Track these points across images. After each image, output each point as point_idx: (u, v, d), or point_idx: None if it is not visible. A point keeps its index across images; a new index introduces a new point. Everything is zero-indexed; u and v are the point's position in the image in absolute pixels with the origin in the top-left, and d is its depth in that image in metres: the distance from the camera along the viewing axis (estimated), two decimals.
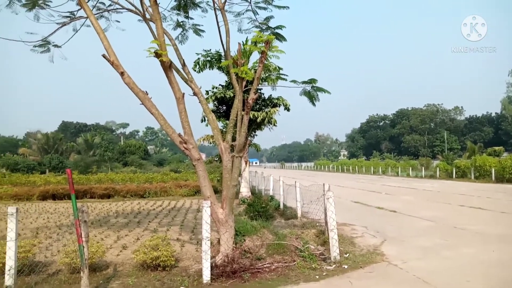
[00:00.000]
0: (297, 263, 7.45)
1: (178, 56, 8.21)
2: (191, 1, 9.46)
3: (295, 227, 11.31)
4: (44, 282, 6.55)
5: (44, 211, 17.30)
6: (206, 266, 6.54)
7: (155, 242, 7.32)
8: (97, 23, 7.06)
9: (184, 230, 11.53)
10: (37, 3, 8.78)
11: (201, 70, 16.80)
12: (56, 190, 23.53)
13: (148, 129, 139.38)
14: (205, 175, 7.72)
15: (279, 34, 9.13)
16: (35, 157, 64.09)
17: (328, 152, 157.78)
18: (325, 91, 8.74)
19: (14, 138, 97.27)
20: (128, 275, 7.00)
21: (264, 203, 13.33)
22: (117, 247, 9.23)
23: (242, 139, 7.70)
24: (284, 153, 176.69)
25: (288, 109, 19.23)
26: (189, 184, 25.96)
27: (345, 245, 9.10)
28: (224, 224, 7.48)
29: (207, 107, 8.72)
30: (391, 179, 40.50)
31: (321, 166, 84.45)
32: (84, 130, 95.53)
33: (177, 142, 7.56)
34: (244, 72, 7.16)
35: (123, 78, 7.01)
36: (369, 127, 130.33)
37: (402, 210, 15.04)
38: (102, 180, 32.13)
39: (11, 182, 30.82)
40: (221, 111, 19.42)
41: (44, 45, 9.20)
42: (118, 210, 17.11)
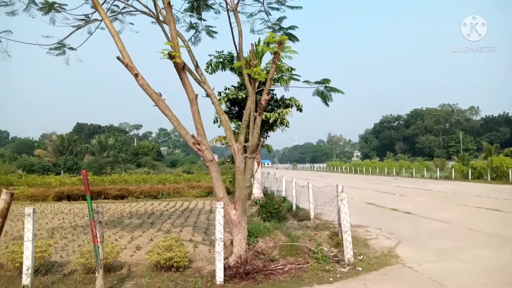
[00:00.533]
0: (311, 265, 7.40)
1: (191, 57, 8.25)
2: (204, 2, 9.50)
3: (308, 228, 11.24)
4: (59, 282, 6.63)
5: (59, 211, 17.56)
6: (219, 267, 6.54)
7: (168, 243, 7.35)
8: (111, 25, 7.13)
9: (197, 231, 11.57)
10: (53, 7, 8.93)
11: (213, 71, 16.87)
12: (71, 191, 23.86)
13: (161, 130, 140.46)
14: (218, 176, 7.73)
15: (291, 34, 9.10)
16: (50, 158, 65.12)
17: (340, 153, 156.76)
18: (339, 91, 8.68)
19: (30, 140, 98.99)
20: (142, 276, 7.04)
21: (276, 204, 13.29)
22: (131, 247, 9.30)
23: (255, 140, 7.69)
24: (296, 154, 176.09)
25: (301, 110, 19.16)
26: (201, 185, 26.07)
27: (359, 247, 9.02)
28: (237, 225, 7.47)
29: (220, 108, 8.74)
30: (405, 180, 40.04)
31: (333, 167, 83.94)
32: (98, 132, 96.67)
33: (190, 143, 7.58)
34: (257, 73, 7.15)
35: (137, 80, 7.07)
36: (383, 127, 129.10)
37: (417, 211, 14.84)
38: (116, 181, 32.46)
39: (27, 183, 31.36)
40: (233, 112, 19.45)
41: (59, 48, 9.35)
42: (132, 211, 17.26)
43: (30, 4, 8.73)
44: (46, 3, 8.88)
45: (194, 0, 9.52)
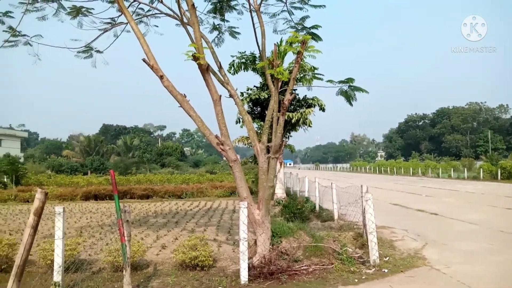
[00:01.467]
0: (335, 266, 7.33)
1: (214, 58, 8.31)
2: (227, 4, 9.57)
3: (332, 229, 11.15)
4: (88, 279, 6.79)
5: (87, 210, 18.02)
6: (244, 267, 6.56)
7: (193, 242, 7.43)
8: (137, 28, 7.27)
9: (221, 230, 11.65)
10: (80, 11, 9.19)
11: (235, 72, 16.94)
12: (98, 190, 24.45)
13: (184, 131, 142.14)
14: (241, 176, 7.75)
15: (315, 33, 9.05)
16: (77, 159, 66.87)
17: (364, 153, 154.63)
18: (363, 91, 8.58)
19: (58, 141, 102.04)
20: (167, 274, 7.15)
21: (299, 204, 13.23)
22: (157, 246, 9.46)
23: (278, 140, 7.68)
24: (319, 154, 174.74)
25: (323, 110, 19.03)
26: (224, 185, 26.26)
27: (385, 248, 8.88)
28: (261, 225, 7.48)
29: (243, 109, 8.76)
30: (431, 180, 39.15)
31: (357, 167, 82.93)
32: (124, 133, 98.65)
33: (214, 143, 7.64)
34: (280, 73, 7.14)
35: (162, 82, 7.18)
36: (408, 127, 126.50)
37: (444, 212, 14.49)
38: (141, 181, 33.08)
39: (56, 183, 32.34)
40: (255, 113, 19.50)
41: (87, 51, 9.60)
42: (156, 210, 17.54)
43: (59, 9, 9.02)
44: (74, 8, 9.14)
45: (217, 2, 9.60)
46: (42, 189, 2.71)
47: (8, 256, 7.45)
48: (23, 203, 22.75)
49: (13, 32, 8.51)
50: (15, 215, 16.62)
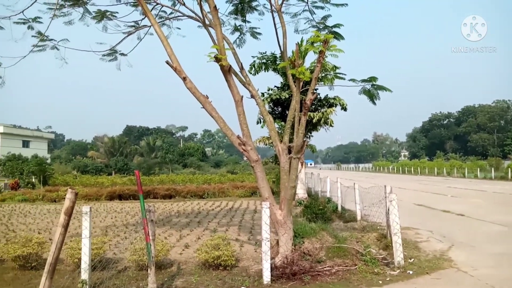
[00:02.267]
0: (359, 267, 7.26)
1: (236, 59, 8.35)
2: (248, 5, 9.60)
3: (355, 230, 11.03)
4: (114, 277, 6.94)
5: (111, 210, 18.39)
6: (266, 267, 6.57)
7: (216, 241, 7.49)
8: (160, 31, 7.38)
9: (242, 230, 11.69)
10: (105, 15, 9.39)
11: (256, 72, 16.96)
12: (122, 190, 24.92)
13: (205, 131, 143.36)
14: (263, 176, 7.76)
15: (337, 32, 8.98)
16: (102, 159, 68.37)
17: (387, 152, 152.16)
18: (386, 89, 8.45)
19: (84, 142, 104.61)
20: (191, 274, 7.22)
21: (321, 205, 13.15)
22: (180, 245, 9.58)
23: (300, 140, 7.66)
24: (340, 154, 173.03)
25: (345, 109, 18.84)
26: (245, 185, 26.34)
27: (409, 249, 8.72)
28: (283, 225, 7.47)
29: (264, 109, 8.77)
30: (457, 180, 38.22)
31: (380, 167, 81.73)
32: (147, 134, 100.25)
33: (236, 144, 7.68)
34: (301, 72, 7.11)
35: (185, 83, 7.26)
36: (432, 125, 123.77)
37: (471, 213, 14.12)
38: (164, 181, 33.54)
39: (81, 183, 33.15)
40: (276, 113, 19.47)
41: (111, 54, 9.80)
42: (179, 210, 17.75)
43: (85, 13, 9.25)
44: (99, 12, 9.36)
45: (239, 3, 9.65)
46: (72, 189, 2.79)
47: (37, 254, 7.69)
48: (50, 202, 23.42)
49: (42, 37, 8.79)
50: (43, 215, 17.13)
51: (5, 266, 7.86)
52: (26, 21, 8.63)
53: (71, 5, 8.92)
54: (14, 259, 7.50)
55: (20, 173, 36.81)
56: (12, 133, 78.15)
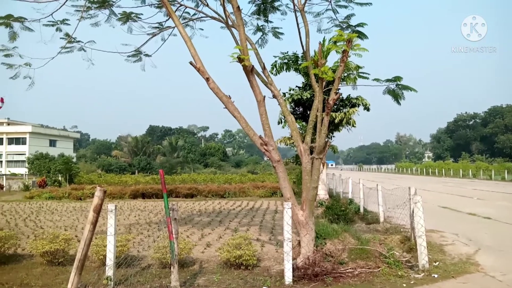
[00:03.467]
0: (382, 270, 7.15)
1: (258, 60, 8.36)
2: (270, 5, 9.61)
3: (377, 232, 10.89)
4: (138, 275, 7.05)
5: (135, 208, 18.72)
6: (288, 267, 6.55)
7: (238, 241, 7.52)
8: (184, 32, 7.46)
9: (263, 230, 11.70)
10: (130, 17, 9.58)
11: (278, 72, 16.92)
12: (145, 189, 25.34)
13: (226, 131, 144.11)
14: (285, 177, 7.74)
15: (360, 32, 8.88)
16: (126, 158, 69.64)
17: (410, 153, 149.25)
18: (411, 89, 8.29)
19: (108, 142, 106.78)
20: (213, 272, 7.28)
21: (343, 206, 13.02)
22: (202, 244, 9.66)
23: (322, 140, 7.60)
24: (362, 155, 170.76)
25: (368, 109, 18.59)
26: (266, 185, 26.36)
27: (434, 252, 8.54)
28: (305, 226, 7.43)
29: (286, 109, 8.75)
30: (483, 183, 37.19)
31: (403, 169, 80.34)
32: (169, 134, 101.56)
33: (258, 144, 7.68)
34: (324, 72, 7.06)
35: (208, 84, 7.32)
36: (457, 126, 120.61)
37: (498, 217, 13.71)
38: (185, 180, 33.93)
39: (106, 182, 33.89)
40: (297, 113, 19.37)
41: (136, 55, 9.98)
42: (201, 209, 17.91)
43: (110, 15, 9.45)
44: (124, 14, 9.56)
45: (261, 3, 9.67)
46: (100, 187, 2.86)
47: (64, 250, 7.90)
48: (76, 200, 24.02)
49: (69, 39, 9.03)
50: (69, 212, 17.58)
51: (34, 261, 8.11)
52: (54, 23, 8.88)
53: (98, 7, 9.13)
54: (42, 254, 7.72)
55: (47, 171, 37.92)
56: (39, 133, 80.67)
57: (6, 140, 77.93)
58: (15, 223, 13.98)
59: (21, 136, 78.03)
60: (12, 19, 8.27)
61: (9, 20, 8.29)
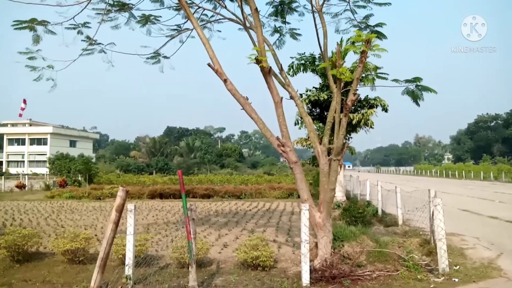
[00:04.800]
0: (401, 273, 7.06)
1: (276, 61, 8.37)
2: (288, 6, 9.61)
3: (396, 235, 10.74)
4: (156, 274, 7.14)
5: (153, 208, 18.92)
6: (305, 269, 6.53)
7: (255, 242, 7.53)
8: (203, 34, 7.52)
9: (280, 232, 11.68)
10: (149, 19, 9.71)
11: (295, 73, 16.88)
12: (163, 189, 25.60)
13: (242, 133, 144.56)
14: (302, 178, 7.71)
15: (379, 32, 8.79)
16: (144, 159, 70.56)
17: (429, 155, 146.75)
18: (431, 90, 8.16)
19: (126, 142, 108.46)
20: (230, 273, 7.30)
21: (361, 208, 12.88)
22: (219, 245, 9.71)
23: (340, 141, 7.56)
24: (380, 157, 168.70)
25: (386, 110, 18.39)
26: (282, 187, 26.30)
27: (454, 256, 8.39)
28: (322, 228, 7.40)
29: (303, 110, 8.73)
30: (505, 185, 36.28)
31: (422, 171, 79.08)
32: (186, 134, 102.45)
33: (275, 145, 7.69)
34: (342, 73, 7.02)
35: (226, 85, 7.36)
36: (478, 127, 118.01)
37: None
38: (202, 181, 34.17)
39: (124, 182, 34.38)
40: (314, 114, 19.30)
41: (155, 57, 10.11)
42: (217, 210, 17.99)
43: (130, 18, 9.60)
44: (143, 16, 9.69)
45: (279, 5, 9.68)
46: (123, 187, 2.91)
47: (84, 249, 8.04)
48: (95, 200, 24.43)
49: (90, 41, 9.21)
50: (89, 211, 17.89)
51: (55, 259, 8.29)
52: (76, 26, 9.07)
53: (118, 10, 9.29)
54: (63, 253, 7.88)
55: (67, 171, 38.70)
56: (60, 133, 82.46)
57: (28, 140, 79.95)
58: (37, 221, 14.32)
59: (43, 136, 79.96)
60: (36, 22, 8.49)
61: (33, 24, 8.51)
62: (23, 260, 8.10)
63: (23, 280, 6.97)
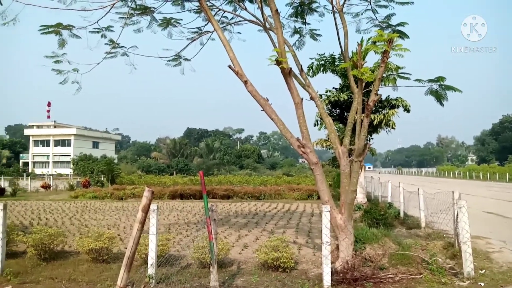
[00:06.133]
0: (424, 276, 6.93)
1: (296, 62, 8.35)
2: (308, 7, 9.58)
3: (419, 237, 10.54)
4: (178, 274, 7.21)
5: (174, 209, 19.14)
6: (327, 271, 6.48)
7: (275, 243, 7.53)
8: (223, 36, 7.57)
9: (300, 233, 11.64)
10: (170, 22, 9.85)
11: (314, 74, 16.78)
12: (183, 190, 25.87)
13: (261, 134, 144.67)
14: (322, 179, 7.67)
15: (401, 31, 8.67)
16: (164, 160, 71.48)
17: (452, 156, 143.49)
18: (456, 90, 7.99)
19: (148, 143, 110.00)
20: (251, 274, 7.32)
21: (382, 210, 12.72)
22: (239, 245, 9.75)
23: (362, 142, 7.48)
24: (401, 158, 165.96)
25: (408, 111, 18.10)
26: (301, 188, 26.20)
27: (480, 260, 8.18)
28: (344, 229, 7.33)
29: (324, 111, 8.68)
30: None
31: (444, 172, 77.39)
32: (206, 136, 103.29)
33: (295, 146, 7.67)
34: (364, 73, 6.95)
35: (246, 87, 7.39)
36: (503, 128, 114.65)
37: None
38: (222, 182, 34.32)
39: (145, 182, 34.85)
40: (334, 115, 19.16)
41: (176, 59, 10.24)
42: (237, 211, 18.05)
43: (152, 21, 9.76)
44: (165, 19, 9.84)
45: (299, 5, 9.66)
46: (149, 188, 2.97)
47: (108, 248, 8.20)
48: (117, 200, 24.89)
49: (114, 45, 9.41)
50: (112, 211, 18.24)
51: (80, 258, 8.48)
52: (100, 30, 9.28)
53: (140, 14, 9.45)
54: (88, 252, 8.06)
55: (90, 172, 39.54)
56: (83, 135, 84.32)
57: (53, 142, 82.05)
58: (62, 221, 14.68)
59: (67, 138, 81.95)
60: (62, 27, 8.72)
61: (59, 28, 8.74)
62: (50, 258, 8.32)
63: (50, 277, 7.15)
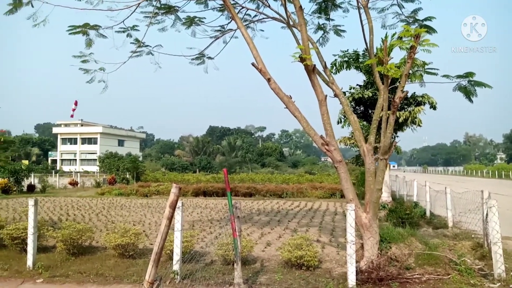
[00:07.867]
0: (452, 277, 6.75)
1: (319, 59, 8.27)
2: (332, 2, 9.47)
3: (446, 237, 10.29)
4: (202, 270, 7.27)
5: (197, 206, 19.33)
6: (352, 270, 6.41)
7: (298, 241, 7.50)
8: (247, 33, 7.57)
9: (323, 232, 11.55)
10: (193, 21, 9.93)
11: (337, 71, 16.62)
12: (206, 187, 26.11)
13: (283, 132, 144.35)
14: (347, 178, 7.57)
15: (428, 26, 8.46)
16: (187, 158, 72.34)
17: (480, 155, 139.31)
18: (486, 86, 7.73)
19: (171, 142, 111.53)
20: (274, 271, 7.31)
21: (408, 209, 12.48)
22: (262, 243, 9.76)
23: (388, 140, 7.35)
24: (427, 156, 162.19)
25: (435, 108, 17.68)
26: (324, 186, 25.99)
27: (511, 261, 7.91)
28: (369, 228, 7.23)
29: (348, 108, 8.56)
30: None
31: (472, 171, 75.29)
32: (228, 134, 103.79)
33: (319, 144, 7.60)
34: (390, 69, 6.82)
35: (270, 84, 7.37)
36: None
37: None
38: (244, 179, 34.46)
39: (169, 180, 35.39)
40: (358, 112, 18.90)
41: (199, 58, 10.32)
42: (259, 208, 18.07)
43: (176, 20, 9.87)
44: (188, 18, 9.92)
45: (322, 1, 9.56)
46: (176, 185, 3.00)
47: (134, 244, 8.35)
48: (142, 197, 25.33)
49: (139, 44, 9.56)
50: (137, 208, 18.57)
51: (107, 253, 8.67)
52: (125, 29, 9.45)
53: (164, 13, 9.57)
54: (114, 247, 8.23)
55: (116, 169, 40.44)
56: (109, 133, 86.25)
57: (80, 140, 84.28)
58: (89, 217, 15.05)
59: (93, 136, 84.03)
60: (89, 27, 8.92)
61: (86, 28, 8.95)
62: (78, 253, 8.54)
63: (78, 272, 7.35)
